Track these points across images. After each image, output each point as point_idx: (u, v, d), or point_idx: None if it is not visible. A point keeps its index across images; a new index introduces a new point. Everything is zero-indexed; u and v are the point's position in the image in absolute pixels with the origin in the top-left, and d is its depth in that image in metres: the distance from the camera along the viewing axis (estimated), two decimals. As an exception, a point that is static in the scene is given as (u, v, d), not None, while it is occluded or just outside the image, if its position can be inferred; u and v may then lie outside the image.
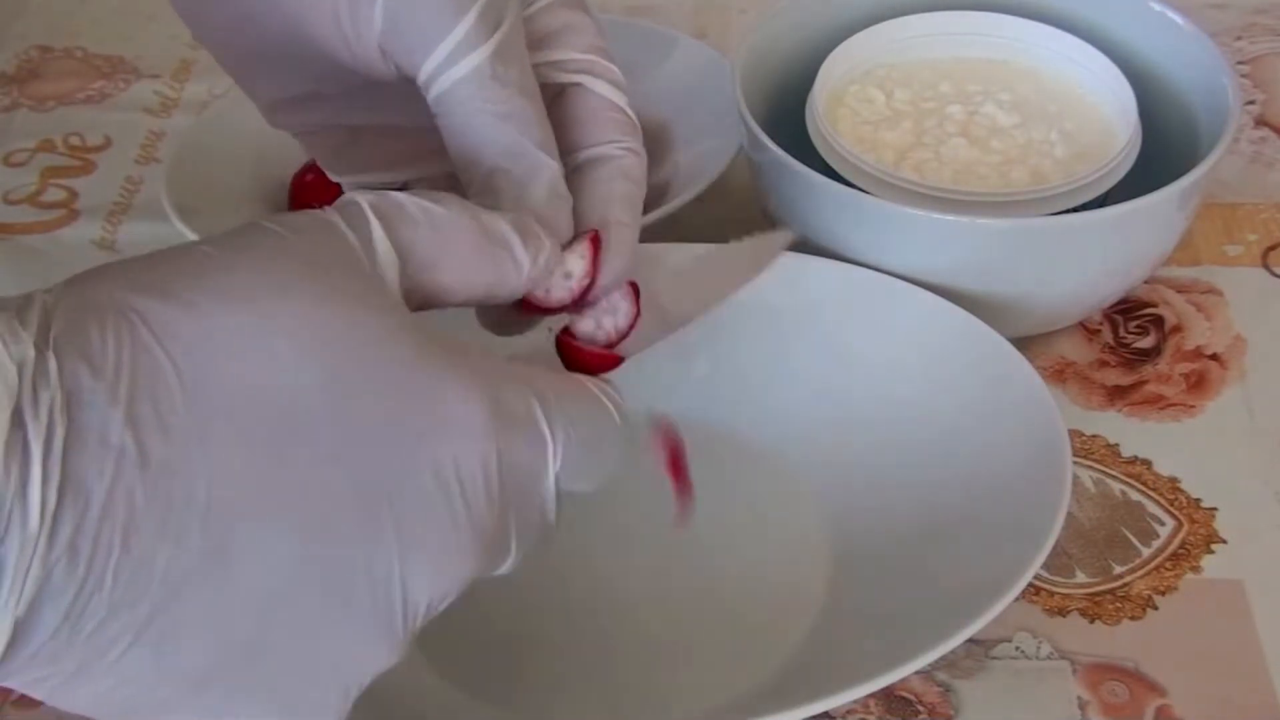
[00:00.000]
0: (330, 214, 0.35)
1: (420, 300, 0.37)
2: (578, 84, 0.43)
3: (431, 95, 0.40)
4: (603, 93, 0.43)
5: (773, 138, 0.54)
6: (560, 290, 0.40)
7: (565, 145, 0.42)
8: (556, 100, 0.43)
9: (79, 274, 0.32)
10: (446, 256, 0.36)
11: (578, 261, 0.41)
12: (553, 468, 0.37)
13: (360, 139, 0.46)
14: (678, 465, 0.45)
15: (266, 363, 0.32)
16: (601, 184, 0.42)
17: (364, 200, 0.36)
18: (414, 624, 0.35)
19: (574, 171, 0.42)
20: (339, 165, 0.47)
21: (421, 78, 0.40)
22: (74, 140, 0.71)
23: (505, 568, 0.37)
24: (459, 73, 0.39)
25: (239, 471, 0.31)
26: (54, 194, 0.69)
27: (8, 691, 0.48)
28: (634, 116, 0.43)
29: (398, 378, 0.34)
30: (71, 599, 0.29)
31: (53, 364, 0.30)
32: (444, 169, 0.45)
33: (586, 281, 0.41)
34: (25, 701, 0.48)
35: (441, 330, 0.36)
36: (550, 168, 0.40)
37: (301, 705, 0.34)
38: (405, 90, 0.42)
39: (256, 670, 0.33)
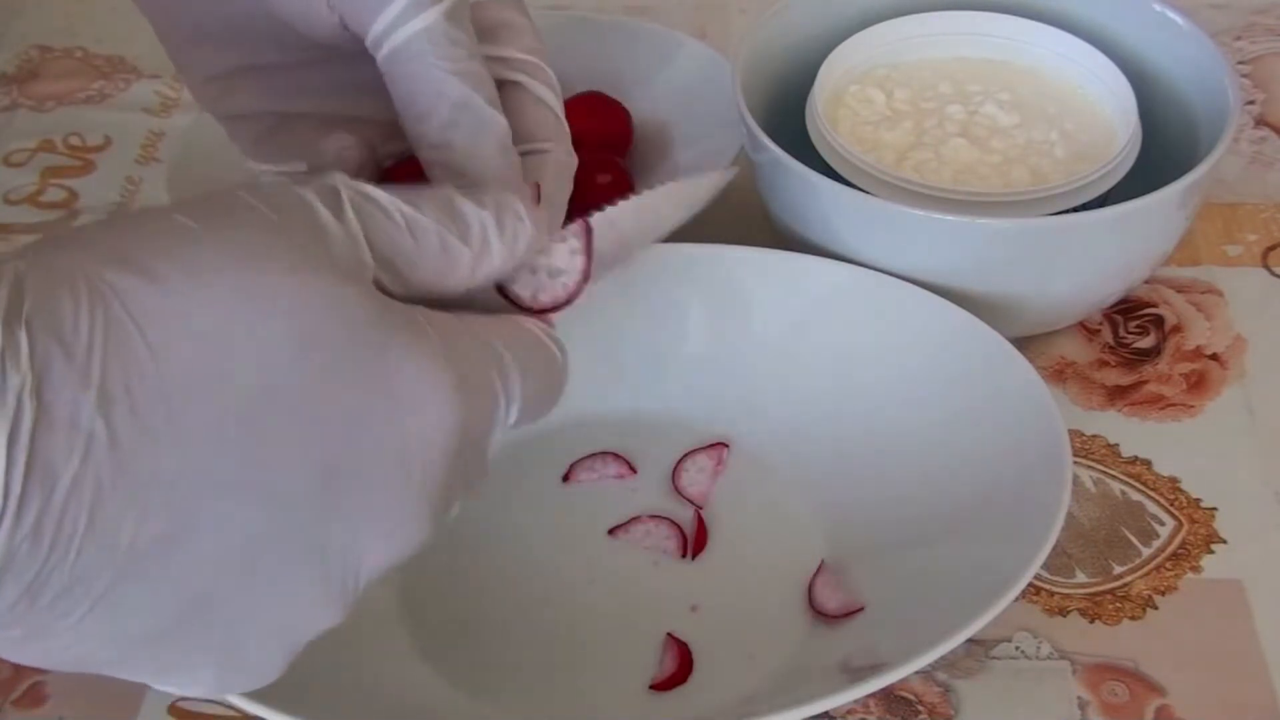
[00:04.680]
0: (306, 192, 0.35)
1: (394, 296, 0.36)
2: (517, 82, 0.44)
3: (384, 52, 0.41)
4: (540, 95, 0.44)
5: (773, 138, 0.54)
6: (548, 292, 0.40)
7: None
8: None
9: (50, 239, 0.32)
10: (420, 259, 0.37)
11: (566, 256, 0.40)
12: (504, 425, 0.38)
13: (286, 126, 0.47)
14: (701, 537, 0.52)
15: (240, 339, 0.32)
16: (531, 171, 0.43)
17: (342, 188, 0.35)
18: (360, 588, 0.35)
19: None
20: (260, 153, 0.48)
21: (372, 35, 0.41)
22: (74, 140, 0.71)
23: (445, 519, 0.38)
24: (415, 27, 0.40)
25: (207, 450, 0.31)
26: (54, 194, 0.69)
27: (8, 691, 0.48)
28: (565, 122, 0.45)
29: (369, 355, 0.34)
30: (33, 576, 0.29)
31: (24, 344, 0.29)
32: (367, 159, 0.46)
33: (580, 278, 0.40)
34: (25, 701, 0.48)
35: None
36: (500, 124, 0.41)
37: (246, 663, 0.34)
38: (339, 72, 0.43)
39: (205, 633, 0.33)
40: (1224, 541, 0.51)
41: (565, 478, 0.54)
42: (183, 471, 0.31)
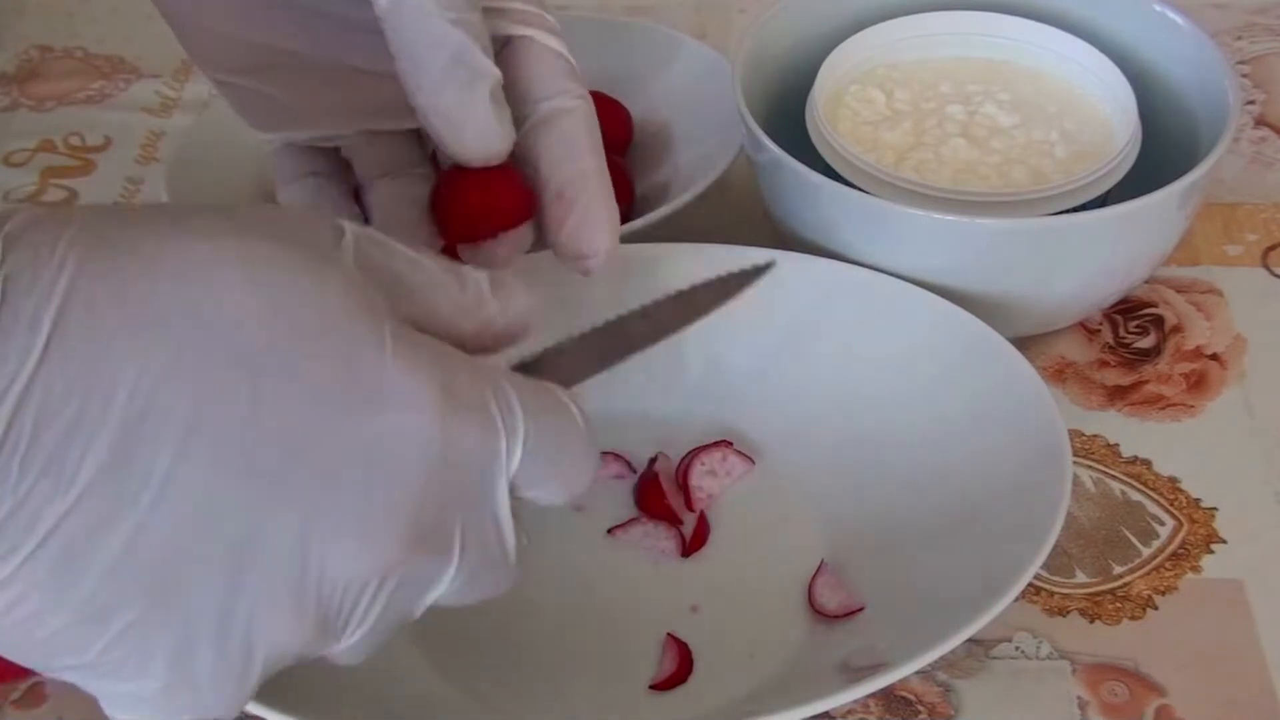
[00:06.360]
0: (308, 212, 0.36)
1: None
2: (525, 36, 0.44)
3: (385, 1, 0.41)
4: (550, 44, 0.45)
5: (773, 138, 0.54)
6: None
7: (521, 95, 0.44)
8: (504, 50, 0.44)
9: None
10: (417, 288, 0.37)
11: None
12: (507, 466, 0.36)
13: (298, 87, 0.47)
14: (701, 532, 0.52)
15: (217, 291, 0.32)
16: (569, 136, 0.44)
17: (346, 223, 0.36)
18: (330, 603, 0.33)
19: (539, 124, 0.44)
20: (261, 120, 0.48)
21: None
22: (74, 140, 0.71)
23: (450, 580, 0.36)
24: None
25: (165, 391, 0.31)
26: (54, 194, 0.68)
27: (7, 691, 0.48)
28: (576, 65, 0.45)
29: (348, 337, 0.33)
30: None
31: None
32: (370, 126, 0.47)
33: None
34: (25, 702, 0.48)
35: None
36: (494, 74, 0.42)
37: (200, 665, 0.33)
38: (343, 26, 0.43)
39: (156, 614, 0.32)
40: (1224, 541, 0.51)
41: (565, 478, 0.54)
42: (135, 408, 0.30)
